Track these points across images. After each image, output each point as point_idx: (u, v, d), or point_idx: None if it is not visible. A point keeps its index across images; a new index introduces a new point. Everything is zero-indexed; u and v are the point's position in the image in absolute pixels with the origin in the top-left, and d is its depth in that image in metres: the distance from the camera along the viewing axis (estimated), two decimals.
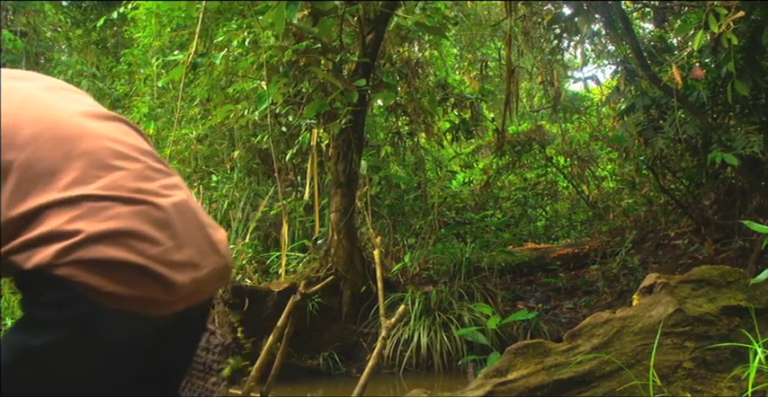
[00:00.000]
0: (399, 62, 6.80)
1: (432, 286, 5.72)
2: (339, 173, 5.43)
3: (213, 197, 7.45)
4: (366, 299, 5.45)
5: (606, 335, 2.55)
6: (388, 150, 7.14)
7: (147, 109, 8.52)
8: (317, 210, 6.15)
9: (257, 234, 6.94)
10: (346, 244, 5.41)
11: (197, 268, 1.29)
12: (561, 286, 6.71)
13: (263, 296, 5.05)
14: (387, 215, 6.90)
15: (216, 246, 1.37)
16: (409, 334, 5.21)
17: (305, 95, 5.92)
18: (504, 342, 5.14)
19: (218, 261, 1.37)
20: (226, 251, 1.42)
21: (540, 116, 10.47)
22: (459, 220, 7.45)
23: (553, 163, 8.89)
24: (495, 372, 2.35)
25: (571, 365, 2.41)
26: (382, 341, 2.83)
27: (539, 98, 11.79)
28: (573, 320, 5.87)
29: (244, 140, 7.45)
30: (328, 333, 5.35)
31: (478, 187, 8.70)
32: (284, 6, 3.81)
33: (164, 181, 1.35)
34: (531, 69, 9.37)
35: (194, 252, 1.30)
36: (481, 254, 6.21)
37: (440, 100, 7.17)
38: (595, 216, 8.40)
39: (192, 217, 1.35)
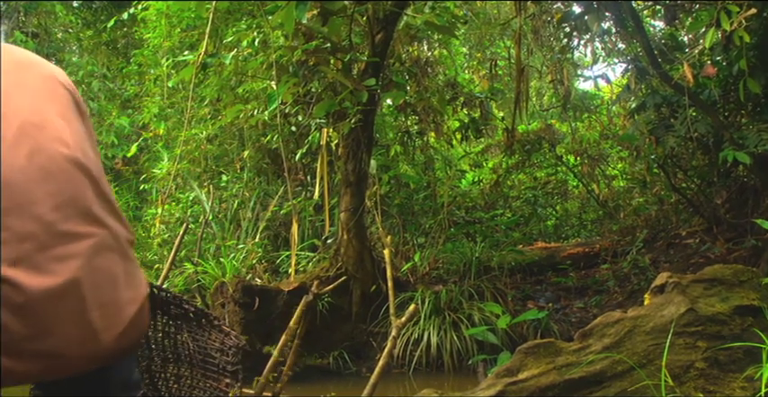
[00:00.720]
0: (408, 61, 6.81)
1: (441, 285, 5.72)
2: (349, 173, 5.43)
3: (223, 196, 7.48)
4: (376, 298, 5.46)
5: (617, 335, 2.53)
6: (398, 149, 7.14)
7: (157, 109, 8.57)
8: (326, 210, 6.16)
9: (267, 234, 6.96)
10: (356, 244, 5.41)
11: (57, 357, 1.18)
12: (571, 285, 6.69)
13: (273, 296, 5.06)
14: (396, 214, 6.90)
15: (96, 334, 1.21)
16: (419, 334, 5.21)
17: (314, 95, 5.93)
18: (514, 342, 5.13)
19: (93, 349, 1.22)
20: (113, 337, 1.25)
21: (549, 115, 10.43)
22: (469, 219, 7.44)
23: (563, 161, 8.85)
24: (506, 371, 2.34)
25: (582, 364, 2.40)
26: (392, 341, 2.83)
27: (548, 97, 11.75)
28: (583, 319, 5.85)
29: (253, 140, 7.47)
30: (338, 333, 5.36)
31: (488, 186, 8.67)
32: (294, 6, 3.81)
33: (58, 251, 1.17)
34: (541, 68, 9.35)
35: (58, 342, 1.17)
36: (491, 253, 6.20)
37: (449, 99, 7.16)
38: (606, 216, 8.36)
39: (72, 302, 1.18)
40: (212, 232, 7.13)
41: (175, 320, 2.57)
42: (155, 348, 2.66)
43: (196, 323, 2.53)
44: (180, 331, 2.60)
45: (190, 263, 6.40)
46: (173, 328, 2.61)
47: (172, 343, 2.64)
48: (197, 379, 2.63)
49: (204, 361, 2.56)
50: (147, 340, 2.63)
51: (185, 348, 2.61)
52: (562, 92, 8.22)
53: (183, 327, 2.58)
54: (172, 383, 2.72)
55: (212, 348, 2.51)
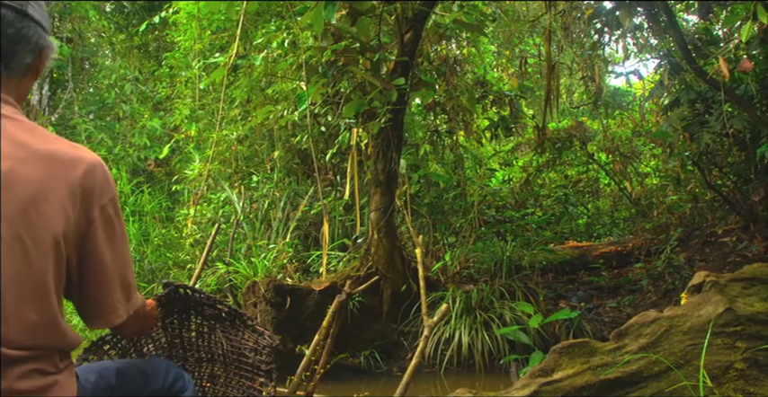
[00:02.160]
0: (437, 60, 6.79)
1: (472, 284, 5.69)
2: (378, 172, 5.43)
3: (254, 197, 7.54)
4: (406, 298, 5.45)
5: (654, 334, 2.49)
6: (427, 148, 7.13)
7: (188, 111, 8.68)
8: (357, 209, 6.17)
9: (297, 234, 7.00)
10: (386, 243, 5.41)
11: None
12: (604, 284, 6.61)
13: (304, 295, 5.09)
14: (426, 213, 6.88)
15: None
16: (450, 333, 5.19)
17: (343, 95, 5.95)
18: (546, 342, 5.09)
19: None
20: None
21: (580, 112, 10.32)
22: (500, 218, 7.40)
23: (594, 159, 8.75)
24: (541, 371, 2.32)
25: (618, 365, 2.37)
26: (425, 340, 2.83)
27: (579, 94, 11.63)
28: (616, 319, 5.78)
29: (283, 140, 7.52)
30: (369, 332, 5.36)
31: (518, 185, 8.62)
32: (322, 7, 3.83)
33: None
34: (571, 65, 9.25)
35: None
36: (522, 253, 6.15)
37: (478, 97, 7.13)
38: (639, 214, 8.25)
39: None
40: (243, 232, 7.19)
41: (209, 320, 2.60)
42: (188, 348, 2.69)
43: (230, 323, 2.55)
44: (214, 331, 2.62)
45: (222, 263, 6.47)
46: (207, 328, 2.64)
47: (206, 343, 2.67)
48: (231, 378, 2.65)
49: (238, 361, 2.59)
50: (182, 341, 2.66)
51: (219, 347, 2.64)
52: (593, 89, 8.12)
53: (216, 327, 2.61)
54: (206, 382, 2.75)
55: (246, 348, 2.53)
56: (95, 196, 1.42)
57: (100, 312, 1.54)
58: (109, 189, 1.47)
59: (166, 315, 2.55)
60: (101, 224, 1.44)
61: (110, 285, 1.51)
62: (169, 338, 2.62)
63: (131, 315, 1.61)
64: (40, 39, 1.45)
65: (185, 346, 2.67)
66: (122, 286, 1.54)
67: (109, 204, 1.46)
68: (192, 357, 2.71)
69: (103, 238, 1.45)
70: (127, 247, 1.56)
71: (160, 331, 2.58)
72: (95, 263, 1.46)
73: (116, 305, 1.54)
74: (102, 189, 1.44)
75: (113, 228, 1.48)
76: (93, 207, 1.42)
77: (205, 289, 6.21)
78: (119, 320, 1.56)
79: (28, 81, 1.49)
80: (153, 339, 2.58)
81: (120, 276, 1.53)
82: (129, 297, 1.58)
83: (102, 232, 1.45)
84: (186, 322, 2.62)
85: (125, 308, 1.57)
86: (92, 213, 1.42)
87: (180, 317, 2.60)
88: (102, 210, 1.44)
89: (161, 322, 2.54)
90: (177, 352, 2.67)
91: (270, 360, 2.43)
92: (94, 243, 1.44)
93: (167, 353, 2.63)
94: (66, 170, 1.37)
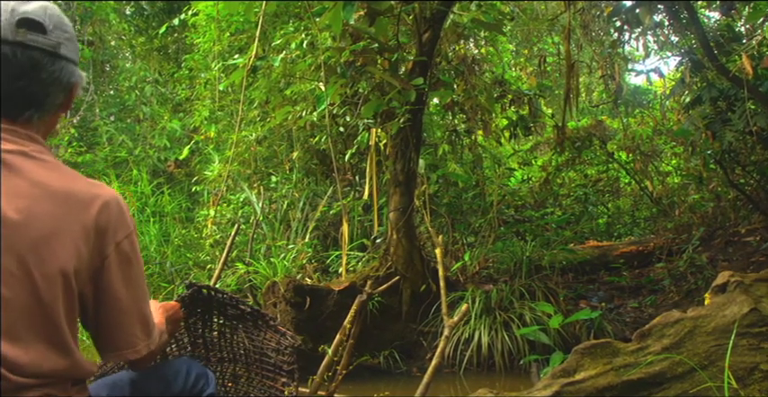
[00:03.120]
0: (456, 60, 6.77)
1: (492, 284, 5.66)
2: (397, 172, 5.43)
3: (273, 197, 7.58)
4: (426, 298, 5.44)
5: (677, 335, 2.47)
6: (446, 148, 7.11)
7: (207, 112, 8.74)
8: (375, 209, 6.18)
9: (316, 234, 7.02)
10: (405, 243, 5.41)
11: None
12: (625, 284, 6.55)
13: (324, 295, 5.10)
14: (445, 213, 6.87)
15: None
16: (470, 333, 5.17)
17: (362, 95, 5.96)
18: (566, 342, 5.05)
19: None
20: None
21: (600, 111, 10.24)
22: (519, 218, 7.36)
23: (615, 158, 8.68)
24: (563, 372, 2.31)
25: (641, 365, 2.35)
26: (445, 340, 2.82)
27: (598, 92, 11.54)
28: (638, 319, 5.72)
29: (302, 141, 7.54)
30: (388, 332, 5.36)
31: (537, 184, 8.57)
32: (341, 7, 3.84)
33: None
34: (591, 63, 9.19)
35: None
36: (542, 252, 6.12)
37: (497, 97, 7.10)
38: (660, 213, 8.17)
39: None
40: (263, 232, 7.23)
41: (232, 320, 2.62)
42: (211, 348, 2.71)
43: (252, 323, 2.56)
44: (236, 331, 2.64)
45: (241, 263, 6.51)
46: (229, 328, 2.65)
47: (228, 343, 2.69)
48: (253, 378, 2.67)
49: (260, 360, 2.60)
50: (204, 341, 2.68)
51: (241, 347, 2.66)
52: (613, 88, 8.06)
53: (239, 327, 2.62)
54: (229, 382, 2.77)
55: (268, 348, 2.54)
56: (110, 233, 1.44)
57: (114, 346, 1.55)
58: (124, 226, 1.48)
59: (189, 315, 2.57)
60: (115, 260, 1.46)
61: (126, 320, 1.53)
62: (191, 338, 2.65)
63: (153, 351, 1.61)
64: (71, 77, 1.47)
65: (207, 346, 2.69)
66: (140, 321, 1.56)
67: (124, 241, 1.47)
68: (214, 356, 2.72)
69: (118, 274, 1.47)
70: (143, 282, 1.58)
71: (183, 331, 2.60)
72: (110, 298, 1.48)
73: (134, 341, 1.55)
74: (116, 227, 1.46)
75: (129, 264, 1.50)
76: (107, 243, 1.44)
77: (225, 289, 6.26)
78: (135, 355, 1.56)
79: (58, 116, 1.52)
80: (176, 338, 2.60)
81: (138, 312, 1.55)
82: (149, 333, 1.59)
83: (117, 268, 1.47)
84: (209, 322, 2.64)
85: (145, 343, 1.57)
86: (106, 249, 1.44)
87: (202, 317, 2.62)
88: (117, 247, 1.46)
89: (184, 323, 2.57)
90: (199, 352, 2.69)
91: (292, 360, 2.44)
92: (109, 279, 1.46)
93: (190, 353, 2.65)
94: (82, 208, 1.40)
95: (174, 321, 2.07)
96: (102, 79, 15.29)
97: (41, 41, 1.39)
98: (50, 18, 1.42)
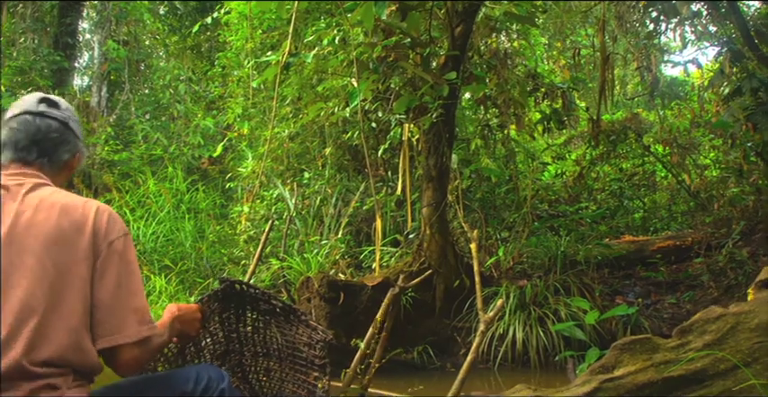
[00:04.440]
0: (488, 54, 6.71)
1: (526, 280, 5.62)
2: (430, 167, 5.41)
3: (306, 193, 7.62)
4: (459, 293, 5.42)
5: (719, 331, 2.41)
6: (478, 143, 7.06)
7: (240, 109, 8.83)
8: (408, 205, 6.17)
9: (349, 230, 7.04)
10: (439, 238, 5.39)
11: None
12: (662, 280, 6.43)
13: (357, 291, 5.11)
14: (478, 208, 6.83)
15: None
16: (504, 329, 5.14)
17: (393, 91, 5.94)
18: (602, 338, 4.99)
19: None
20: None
21: (635, 103, 10.07)
22: (553, 213, 7.28)
23: (651, 152, 8.52)
24: (601, 368, 2.28)
25: (682, 362, 2.30)
26: (481, 335, 2.81)
27: (633, 85, 11.34)
28: (676, 315, 5.62)
29: (334, 137, 7.57)
30: (422, 327, 5.35)
31: (571, 179, 8.46)
32: (373, 3, 3.84)
33: None
34: (626, 55, 9.03)
35: None
36: (577, 247, 6.04)
37: (530, 90, 7.02)
38: (698, 207, 8.00)
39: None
40: (296, 228, 7.28)
41: (264, 315, 2.64)
42: (245, 343, 2.74)
43: (284, 318, 2.59)
44: (269, 326, 2.67)
45: (275, 259, 6.56)
46: (262, 323, 2.68)
47: (261, 338, 2.72)
48: (286, 372, 2.69)
49: (293, 355, 2.62)
50: (238, 335, 2.71)
51: (274, 342, 2.68)
52: (649, 80, 7.91)
53: (271, 322, 2.65)
54: (262, 376, 2.80)
55: (300, 343, 2.56)
56: (103, 233, 1.73)
57: (107, 331, 1.71)
58: (117, 229, 1.77)
59: (223, 310, 2.61)
60: (109, 256, 1.72)
61: (118, 307, 1.72)
62: (226, 332, 2.68)
63: (142, 340, 1.74)
64: (76, 146, 1.92)
65: (242, 340, 2.72)
66: (134, 311, 1.75)
67: (116, 241, 1.75)
68: (248, 351, 2.76)
69: (112, 269, 1.72)
70: (137, 279, 1.80)
71: (217, 326, 2.64)
72: (104, 289, 1.70)
73: (124, 327, 1.72)
74: (109, 229, 1.75)
75: (122, 260, 1.75)
76: (101, 242, 1.72)
77: (259, 285, 6.32)
78: (125, 339, 1.71)
79: (64, 175, 1.92)
80: (211, 333, 2.63)
81: (131, 302, 1.74)
82: (143, 321, 1.76)
83: (110, 263, 1.72)
84: (242, 316, 2.67)
85: (135, 330, 1.73)
86: (100, 246, 1.71)
87: (236, 312, 2.65)
88: (111, 245, 1.73)
89: (218, 317, 2.60)
90: (234, 346, 2.72)
91: (323, 355, 2.46)
92: (103, 272, 1.71)
93: (224, 347, 2.69)
94: (80, 214, 1.72)
95: (187, 321, 2.12)
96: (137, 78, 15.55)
97: (56, 113, 1.87)
98: (63, 103, 1.92)
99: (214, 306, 2.51)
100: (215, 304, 2.51)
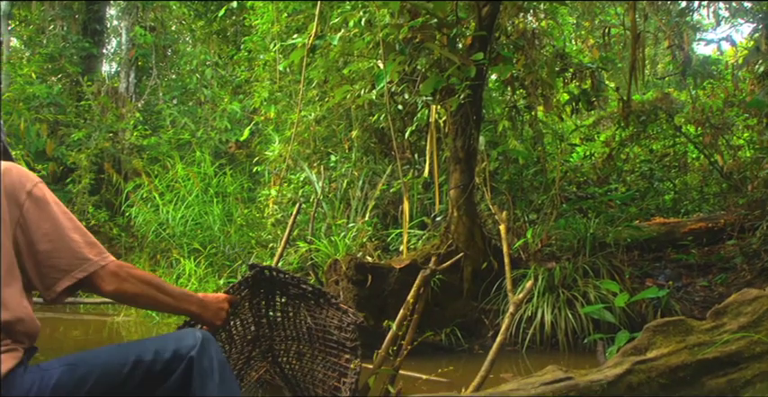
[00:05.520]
0: (515, 34, 6.61)
1: (555, 262, 5.58)
2: (458, 149, 5.38)
3: (333, 176, 7.64)
4: (487, 276, 5.41)
5: (755, 313, 2.38)
6: (506, 125, 6.99)
7: (267, 93, 8.84)
8: (436, 187, 6.15)
9: (376, 212, 7.05)
10: (466, 221, 5.37)
11: None
12: (693, 262, 6.34)
13: (385, 273, 5.12)
14: (506, 190, 6.78)
15: None
16: (532, 311, 5.12)
17: (420, 73, 5.90)
18: (632, 321, 4.95)
19: None
20: None
21: (666, 83, 9.86)
22: (581, 195, 7.20)
23: (682, 132, 8.36)
24: (634, 350, 2.26)
25: (716, 344, 2.27)
26: (510, 317, 2.80)
27: (664, 64, 11.11)
28: (708, 298, 5.55)
29: (361, 120, 7.55)
30: (450, 310, 5.36)
31: (600, 160, 8.35)
32: None
33: None
34: (656, 34, 8.83)
35: None
36: (606, 229, 5.97)
37: (558, 71, 6.91)
38: (731, 188, 7.84)
39: None
40: (323, 211, 7.31)
41: (294, 299, 2.67)
42: (275, 327, 2.77)
43: (314, 302, 2.61)
44: (299, 310, 2.69)
45: (303, 242, 6.60)
46: (292, 307, 2.71)
47: (292, 322, 2.74)
48: (317, 355, 2.72)
49: (324, 338, 2.65)
50: (268, 320, 2.74)
51: (304, 325, 2.71)
52: (681, 59, 7.73)
53: (301, 306, 2.67)
54: (293, 359, 2.83)
55: (331, 326, 2.58)
56: (17, 187, 1.74)
57: (64, 270, 1.75)
58: (29, 179, 1.77)
59: (253, 296, 2.64)
60: (32, 205, 1.74)
61: (64, 246, 1.76)
62: (256, 317, 2.71)
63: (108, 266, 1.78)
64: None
65: (272, 325, 2.75)
66: (85, 244, 1.79)
67: (33, 188, 1.76)
68: (278, 335, 2.78)
69: (41, 214, 1.75)
70: (70, 216, 1.81)
71: (247, 311, 2.67)
72: (40, 235, 1.74)
73: (83, 257, 1.77)
74: (21, 182, 1.75)
75: (47, 203, 1.77)
76: (19, 195, 1.73)
77: (287, 268, 6.37)
78: (91, 267, 1.76)
79: None
80: (241, 318, 2.67)
81: (75, 237, 1.78)
82: (100, 253, 1.80)
83: (37, 208, 1.75)
84: (272, 301, 2.70)
85: (96, 259, 1.78)
86: (20, 200, 1.73)
87: (266, 297, 2.68)
88: (30, 195, 1.75)
89: (248, 303, 2.63)
90: (264, 331, 2.75)
91: (354, 337, 2.48)
92: (33, 219, 1.74)
93: (254, 332, 2.72)
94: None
95: (212, 310, 2.12)
96: (164, 63, 15.66)
97: None
98: None
99: (244, 293, 2.54)
100: (244, 291, 2.54)
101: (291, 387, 2.82)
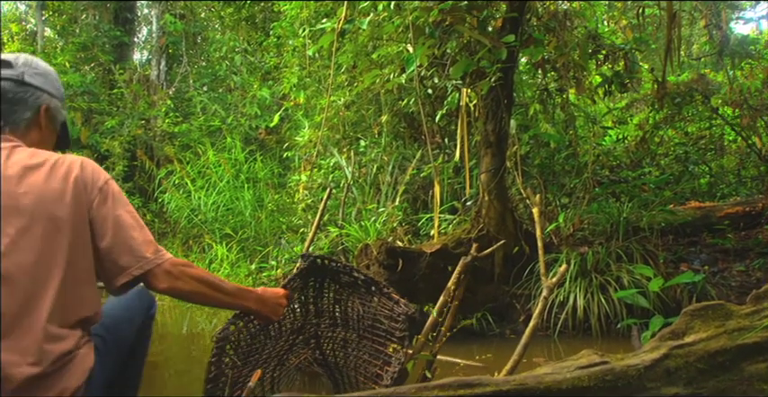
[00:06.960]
0: (546, 15, 6.50)
1: (587, 246, 5.52)
2: (488, 133, 5.33)
3: (362, 161, 7.64)
4: (518, 260, 5.38)
5: None
6: (537, 108, 6.90)
7: (296, 79, 8.86)
8: (467, 171, 6.11)
9: (406, 197, 7.05)
10: (497, 205, 5.34)
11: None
12: (730, 247, 6.23)
13: (415, 258, 5.13)
14: (537, 174, 6.71)
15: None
16: (564, 296, 5.08)
17: (449, 56, 5.84)
18: (666, 306, 4.88)
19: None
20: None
21: (702, 64, 9.62)
22: (614, 178, 7.09)
23: (719, 114, 8.17)
24: (671, 334, 2.22)
25: (757, 329, 2.22)
26: (543, 301, 2.78)
27: (700, 44, 10.84)
28: (745, 284, 5.45)
29: (390, 105, 7.52)
30: (481, 294, 5.34)
31: (633, 143, 8.21)
32: None
33: None
34: (693, 13, 8.61)
35: None
36: (639, 213, 5.88)
37: (591, 52, 6.78)
38: None
39: None
40: (353, 196, 7.33)
41: (345, 287, 2.69)
42: (321, 315, 2.79)
43: (365, 290, 2.63)
44: (349, 298, 2.72)
45: (334, 227, 6.63)
46: (343, 295, 2.74)
47: (342, 309, 2.77)
48: (363, 343, 2.74)
49: (372, 326, 2.67)
50: (316, 309, 2.77)
51: (354, 313, 2.73)
52: (718, 38, 7.53)
53: (352, 294, 2.70)
54: (338, 346, 2.86)
55: (381, 315, 2.61)
56: (90, 182, 1.79)
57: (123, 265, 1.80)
58: (101, 176, 1.83)
59: (304, 285, 2.67)
60: (102, 199, 1.80)
61: (126, 242, 1.80)
62: (303, 306, 2.74)
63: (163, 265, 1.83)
64: (36, 101, 1.86)
65: (318, 312, 2.78)
66: (145, 242, 1.83)
67: (104, 185, 1.82)
68: (323, 322, 2.81)
69: (105, 210, 1.79)
70: (134, 214, 1.86)
71: (295, 300, 2.69)
72: (106, 230, 1.78)
73: (140, 256, 1.81)
74: (94, 177, 1.80)
75: (115, 200, 1.82)
76: (91, 189, 1.78)
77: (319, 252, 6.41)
78: (147, 266, 1.80)
79: (36, 133, 1.88)
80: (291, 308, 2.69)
81: (138, 234, 1.83)
82: (157, 251, 1.85)
83: (104, 205, 1.79)
84: (320, 289, 2.73)
85: (153, 257, 1.82)
86: (91, 194, 1.78)
87: (315, 286, 2.71)
88: (101, 190, 1.80)
89: (297, 293, 2.65)
90: (310, 319, 2.78)
91: (404, 327, 2.50)
92: (101, 215, 1.79)
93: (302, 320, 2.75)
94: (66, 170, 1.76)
95: (270, 305, 2.20)
96: (194, 51, 15.77)
97: (8, 73, 1.81)
98: (21, 59, 1.86)
99: (296, 283, 2.57)
100: (297, 281, 2.57)
101: (331, 373, 2.85)
